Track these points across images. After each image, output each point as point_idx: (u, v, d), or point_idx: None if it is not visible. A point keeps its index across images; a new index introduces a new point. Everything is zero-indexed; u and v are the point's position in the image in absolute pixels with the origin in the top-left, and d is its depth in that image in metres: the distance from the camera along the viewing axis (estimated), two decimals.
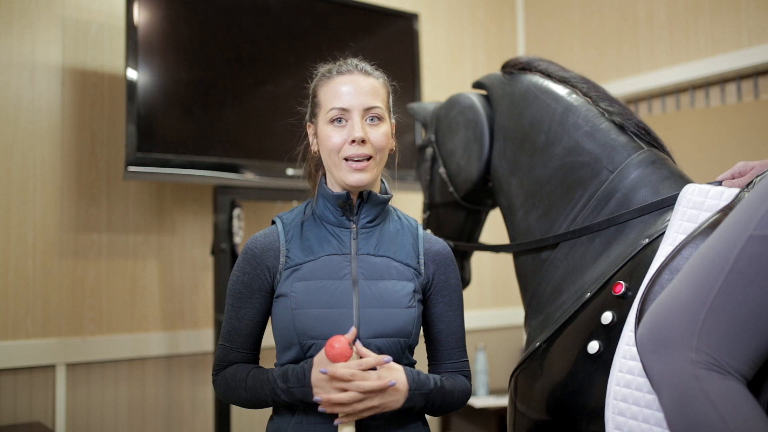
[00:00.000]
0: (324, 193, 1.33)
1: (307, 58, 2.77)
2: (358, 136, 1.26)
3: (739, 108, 2.78)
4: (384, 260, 1.32)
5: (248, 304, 1.32)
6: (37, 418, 2.43)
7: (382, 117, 1.31)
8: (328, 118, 1.30)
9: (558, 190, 1.58)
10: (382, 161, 1.33)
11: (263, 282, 1.31)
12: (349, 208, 1.32)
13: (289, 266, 1.30)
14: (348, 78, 1.31)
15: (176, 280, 2.76)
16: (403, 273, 1.32)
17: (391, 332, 1.27)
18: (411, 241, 1.37)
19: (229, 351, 1.34)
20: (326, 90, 1.32)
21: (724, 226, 1.05)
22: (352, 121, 1.28)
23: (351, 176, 1.28)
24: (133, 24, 2.39)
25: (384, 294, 1.28)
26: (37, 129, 2.51)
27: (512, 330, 3.62)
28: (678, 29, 3.05)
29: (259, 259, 1.31)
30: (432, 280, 1.37)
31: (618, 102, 1.60)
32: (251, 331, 1.33)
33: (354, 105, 1.29)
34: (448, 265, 1.39)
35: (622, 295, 1.29)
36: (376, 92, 1.32)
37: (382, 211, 1.36)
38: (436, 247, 1.39)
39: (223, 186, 2.58)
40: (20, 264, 2.45)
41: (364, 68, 1.35)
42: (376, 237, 1.34)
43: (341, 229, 1.33)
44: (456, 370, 1.38)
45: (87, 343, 2.53)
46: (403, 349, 1.30)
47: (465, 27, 3.66)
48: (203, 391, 2.78)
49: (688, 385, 0.97)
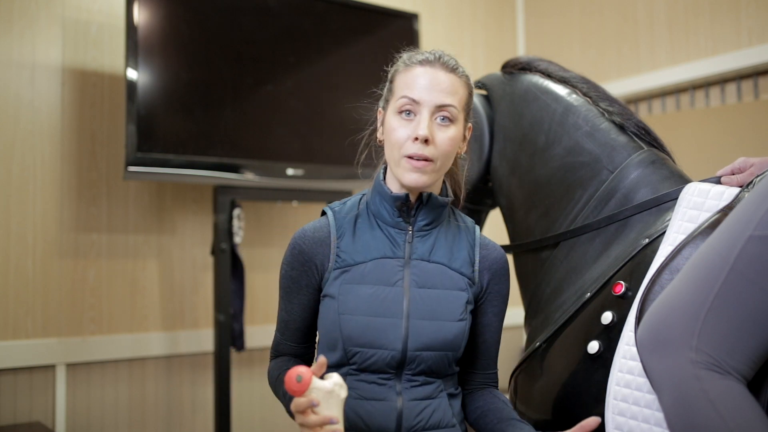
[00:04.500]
0: (381, 190, 1.26)
1: (307, 58, 2.79)
2: (422, 135, 1.18)
3: (739, 108, 2.78)
4: (438, 267, 1.26)
5: (296, 300, 1.29)
6: (37, 418, 2.43)
7: (454, 119, 1.22)
8: (397, 106, 1.22)
9: (558, 190, 1.58)
10: (445, 166, 1.24)
11: (311, 279, 1.27)
12: (406, 209, 1.26)
13: (339, 266, 1.24)
14: (428, 69, 1.22)
15: (176, 280, 2.76)
16: (456, 282, 1.26)
17: (440, 346, 1.22)
18: (467, 248, 1.30)
19: (280, 342, 1.33)
20: (403, 77, 1.24)
21: (724, 226, 1.05)
22: (419, 117, 1.20)
23: (407, 175, 1.20)
24: (133, 24, 2.39)
25: (435, 305, 1.22)
26: (37, 129, 2.51)
27: (512, 330, 3.61)
28: (678, 29, 3.05)
29: (307, 255, 1.26)
30: (485, 290, 1.31)
31: (618, 102, 1.60)
32: (300, 325, 1.31)
33: (426, 99, 1.20)
34: (503, 275, 1.33)
35: (622, 295, 1.29)
36: (454, 90, 1.22)
37: (441, 215, 1.29)
38: (493, 255, 1.32)
39: (223, 186, 2.58)
40: (20, 264, 2.45)
41: (447, 62, 1.24)
42: (432, 241, 1.27)
43: (397, 231, 1.26)
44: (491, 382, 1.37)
45: (87, 343, 2.53)
46: (450, 362, 1.24)
47: (465, 27, 3.66)
48: (203, 391, 2.78)
49: (688, 385, 0.97)
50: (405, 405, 1.20)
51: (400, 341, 1.20)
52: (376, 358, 1.20)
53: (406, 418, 1.20)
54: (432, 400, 1.23)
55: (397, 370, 1.21)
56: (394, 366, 1.21)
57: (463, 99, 1.25)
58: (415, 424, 1.20)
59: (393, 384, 1.21)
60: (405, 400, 1.21)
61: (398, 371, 1.21)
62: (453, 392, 1.29)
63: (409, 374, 1.22)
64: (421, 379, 1.22)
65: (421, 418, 1.21)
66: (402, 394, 1.21)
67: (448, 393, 1.26)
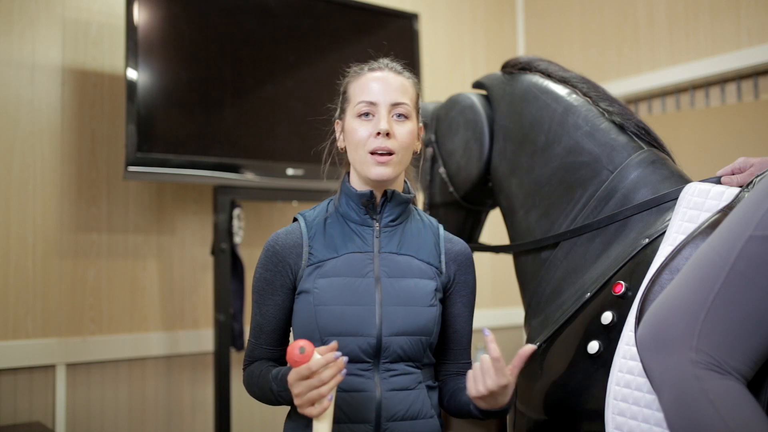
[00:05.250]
0: (347, 191, 1.35)
1: (307, 58, 2.79)
2: (383, 128, 1.28)
3: (739, 108, 2.78)
4: (406, 258, 1.33)
5: (271, 301, 1.33)
6: (37, 418, 2.43)
7: (408, 115, 1.33)
8: (356, 111, 1.32)
9: (558, 190, 1.58)
10: (405, 160, 1.34)
11: (285, 279, 1.32)
12: (372, 206, 1.34)
13: (312, 263, 1.31)
14: (378, 74, 1.34)
15: (176, 280, 2.76)
16: (425, 271, 1.33)
17: (414, 330, 1.28)
18: (433, 241, 1.38)
19: (255, 347, 1.36)
20: (356, 85, 1.35)
21: (724, 226, 1.05)
22: (378, 115, 1.30)
23: (374, 170, 1.29)
24: (133, 24, 2.39)
25: (407, 292, 1.29)
26: (37, 129, 2.51)
27: (512, 330, 3.61)
28: (678, 29, 3.05)
29: (280, 256, 1.32)
30: (453, 280, 1.38)
31: (618, 102, 1.60)
32: (275, 327, 1.34)
33: (382, 100, 1.31)
34: (469, 266, 1.41)
35: (622, 295, 1.29)
36: (405, 90, 1.34)
37: (405, 211, 1.37)
38: (457, 248, 1.40)
39: (223, 186, 2.58)
40: (20, 264, 2.45)
41: (394, 67, 1.37)
42: (399, 236, 1.35)
43: (364, 228, 1.34)
44: (464, 372, 1.38)
45: (87, 343, 2.53)
46: (424, 347, 1.30)
47: (465, 27, 3.66)
48: (203, 391, 2.78)
49: (688, 385, 0.97)
50: (384, 395, 1.25)
51: (375, 328, 1.26)
52: (353, 346, 1.24)
53: (386, 409, 1.24)
54: (411, 391, 1.28)
55: (375, 359, 1.26)
56: (371, 354, 1.26)
57: (414, 98, 1.36)
58: (394, 413, 1.25)
59: (372, 375, 1.26)
60: (384, 391, 1.25)
61: (375, 360, 1.26)
62: (431, 385, 1.34)
63: (387, 362, 1.27)
64: (399, 368, 1.27)
65: (401, 408, 1.26)
66: (380, 384, 1.26)
67: (426, 385, 1.32)
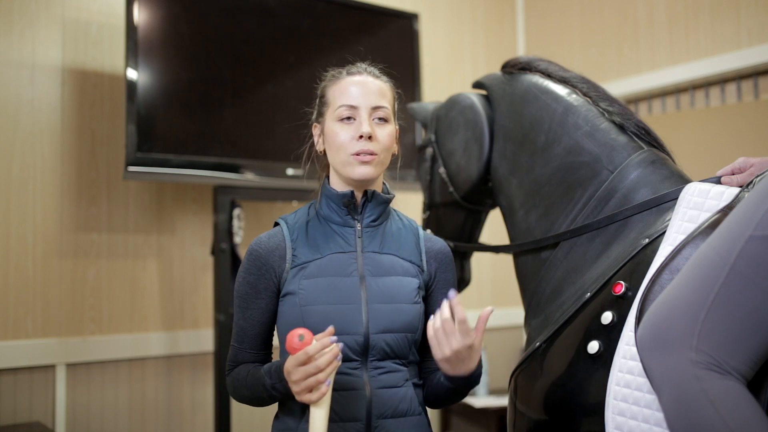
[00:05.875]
0: (328, 193, 1.36)
1: (307, 58, 2.79)
2: (366, 132, 1.29)
3: (739, 108, 2.78)
4: (389, 257, 1.35)
5: (254, 305, 1.33)
6: (37, 418, 2.43)
7: (388, 118, 1.35)
8: (337, 115, 1.33)
9: (558, 190, 1.58)
10: (385, 161, 1.36)
11: (269, 282, 1.32)
12: (353, 207, 1.35)
13: (296, 264, 1.32)
14: (357, 78, 1.35)
15: (176, 280, 2.76)
16: (408, 270, 1.36)
17: (399, 327, 1.30)
18: (413, 240, 1.41)
19: (238, 351, 1.36)
20: (335, 89, 1.36)
21: (724, 226, 1.05)
22: (360, 119, 1.32)
23: (357, 170, 1.30)
24: (133, 24, 2.39)
25: (391, 290, 1.31)
26: (37, 129, 2.51)
27: (512, 330, 3.61)
28: (678, 29, 3.05)
29: (264, 259, 1.33)
30: (434, 278, 1.41)
31: (618, 102, 1.60)
32: (258, 331, 1.35)
33: (362, 103, 1.32)
34: (449, 264, 1.44)
35: (622, 295, 1.29)
36: (383, 93, 1.36)
37: (385, 211, 1.40)
38: (437, 246, 1.43)
39: (223, 186, 2.58)
40: (20, 264, 2.45)
41: (372, 71, 1.39)
42: (380, 236, 1.37)
43: (346, 228, 1.36)
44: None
45: (87, 343, 2.54)
46: (410, 344, 1.32)
47: (465, 27, 3.66)
48: (203, 391, 2.78)
49: (688, 385, 0.97)
50: (373, 393, 1.27)
51: (362, 326, 1.27)
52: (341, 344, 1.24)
53: (376, 406, 1.27)
54: (399, 389, 1.30)
55: (363, 357, 1.28)
56: (359, 352, 1.27)
57: (391, 101, 1.39)
58: (384, 411, 1.27)
59: (360, 373, 1.28)
60: (373, 389, 1.27)
61: (363, 357, 1.28)
62: (417, 383, 1.36)
63: (374, 360, 1.28)
64: (386, 366, 1.29)
65: (390, 405, 1.28)
66: (370, 382, 1.27)
67: (413, 383, 1.34)
